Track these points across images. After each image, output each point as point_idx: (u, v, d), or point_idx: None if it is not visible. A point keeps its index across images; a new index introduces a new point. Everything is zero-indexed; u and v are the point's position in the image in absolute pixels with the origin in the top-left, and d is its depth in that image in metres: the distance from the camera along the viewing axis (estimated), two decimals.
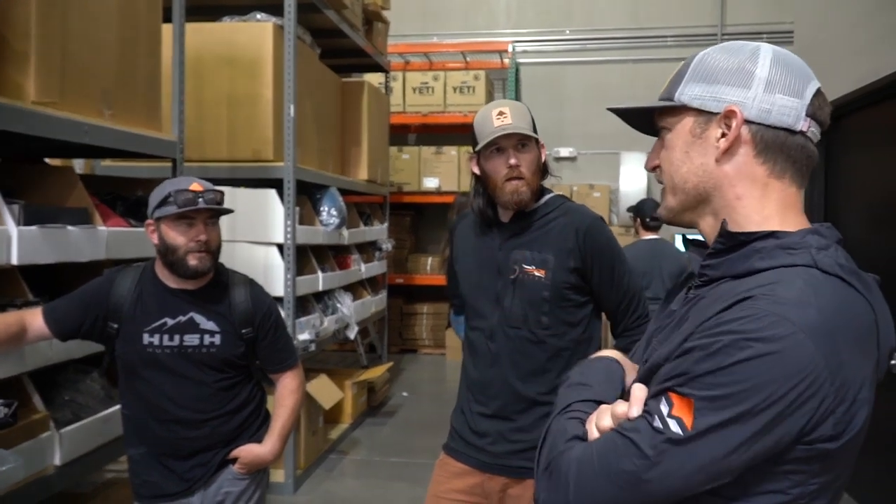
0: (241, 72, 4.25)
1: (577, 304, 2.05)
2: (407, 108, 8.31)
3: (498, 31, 9.05)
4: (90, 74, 2.51)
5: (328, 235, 4.96)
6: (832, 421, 0.89)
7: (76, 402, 2.48)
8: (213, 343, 2.15)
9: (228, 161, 4.27)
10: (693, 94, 1.05)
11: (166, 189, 2.09)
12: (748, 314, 0.89)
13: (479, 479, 2.10)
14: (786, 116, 1.00)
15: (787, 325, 0.87)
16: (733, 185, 1.03)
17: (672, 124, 1.08)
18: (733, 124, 1.01)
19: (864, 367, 0.92)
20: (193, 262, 2.08)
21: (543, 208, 2.08)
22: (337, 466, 4.86)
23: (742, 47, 1.05)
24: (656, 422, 0.90)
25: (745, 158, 1.02)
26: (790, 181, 1.03)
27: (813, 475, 0.91)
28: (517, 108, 2.02)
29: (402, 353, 8.43)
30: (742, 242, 1.00)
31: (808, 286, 0.92)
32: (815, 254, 0.96)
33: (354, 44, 5.61)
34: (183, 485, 2.17)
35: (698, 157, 1.05)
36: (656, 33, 8.74)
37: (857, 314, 0.93)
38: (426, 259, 8.61)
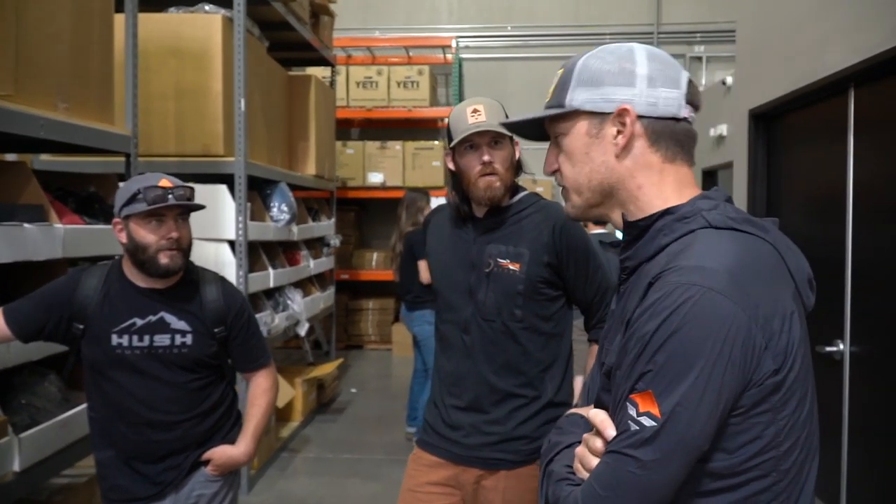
0: (188, 64, 4.15)
1: (549, 297, 2.08)
2: (351, 103, 8.25)
3: (440, 26, 9.07)
4: (45, 66, 2.42)
5: (278, 231, 4.90)
6: (769, 356, 0.96)
7: (33, 405, 2.40)
8: (185, 343, 2.10)
9: (177, 156, 4.16)
10: (583, 98, 1.12)
11: (134, 186, 2.02)
12: (660, 294, 0.98)
13: (454, 472, 2.12)
14: (670, 107, 1.09)
15: (696, 289, 0.95)
16: (634, 176, 1.11)
17: (567, 129, 1.15)
18: (627, 121, 1.09)
19: (782, 298, 1.00)
20: (165, 260, 2.03)
21: (518, 204, 2.11)
22: (290, 465, 4.82)
23: (616, 49, 1.13)
24: (632, 427, 0.97)
25: (641, 150, 1.10)
26: (681, 162, 1.12)
27: (777, 410, 0.98)
28: (491, 106, 2.05)
29: (348, 349, 8.39)
30: (645, 227, 1.10)
31: (705, 245, 1.01)
32: (706, 215, 1.05)
33: (301, 37, 5.54)
34: (154, 488, 2.12)
35: (599, 156, 1.12)
36: (595, 31, 8.90)
37: (758, 255, 1.02)
38: (371, 254, 8.58)
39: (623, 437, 0.98)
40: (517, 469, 2.06)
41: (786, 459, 1.00)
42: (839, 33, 3.06)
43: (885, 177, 2.80)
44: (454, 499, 2.13)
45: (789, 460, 1.00)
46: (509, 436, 2.06)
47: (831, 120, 3.19)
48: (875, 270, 2.91)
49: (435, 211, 2.34)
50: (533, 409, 2.08)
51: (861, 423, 3.00)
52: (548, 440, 1.19)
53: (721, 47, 8.58)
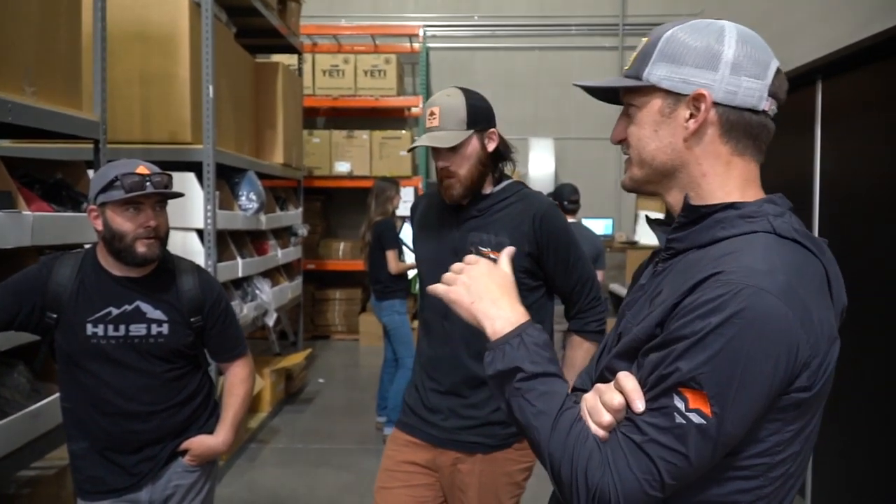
0: (154, 49, 4.06)
1: (528, 287, 2.09)
2: (317, 91, 8.16)
3: (406, 14, 9.02)
4: (11, 49, 2.34)
5: (247, 220, 4.84)
6: (807, 374, 0.97)
7: (2, 396, 2.34)
8: (161, 333, 2.06)
9: (142, 143, 4.07)
10: (661, 74, 1.08)
11: (111, 173, 1.97)
12: (722, 292, 0.95)
13: (432, 454, 2.16)
14: (750, 98, 1.05)
15: (762, 294, 0.94)
16: (699, 163, 1.08)
17: (641, 103, 1.12)
18: (702, 107, 1.05)
19: (829, 320, 1.00)
20: (142, 249, 1.99)
21: (501, 193, 2.12)
22: (259, 456, 4.78)
23: (708, 26, 1.08)
24: (678, 419, 0.95)
25: (711, 138, 1.07)
26: (750, 157, 1.09)
27: (788, 423, 0.99)
28: (449, 108, 2.03)
29: (315, 339, 8.34)
30: (704, 215, 1.07)
31: (770, 252, 0.99)
32: (772, 220, 1.03)
33: (268, 23, 5.46)
34: (130, 479, 2.08)
35: (667, 136, 1.09)
36: (561, 22, 8.95)
37: (815, 272, 1.02)
38: (338, 244, 8.53)
39: (666, 428, 0.96)
40: (493, 453, 2.10)
41: (777, 468, 1.00)
42: (807, 26, 3.12)
43: (852, 167, 2.87)
44: (430, 479, 2.17)
45: (780, 469, 1.01)
46: (486, 420, 2.09)
47: (799, 111, 3.26)
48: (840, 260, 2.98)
49: (422, 197, 2.36)
50: None
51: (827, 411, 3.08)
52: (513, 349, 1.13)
53: None
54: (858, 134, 2.83)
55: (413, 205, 2.38)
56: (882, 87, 2.80)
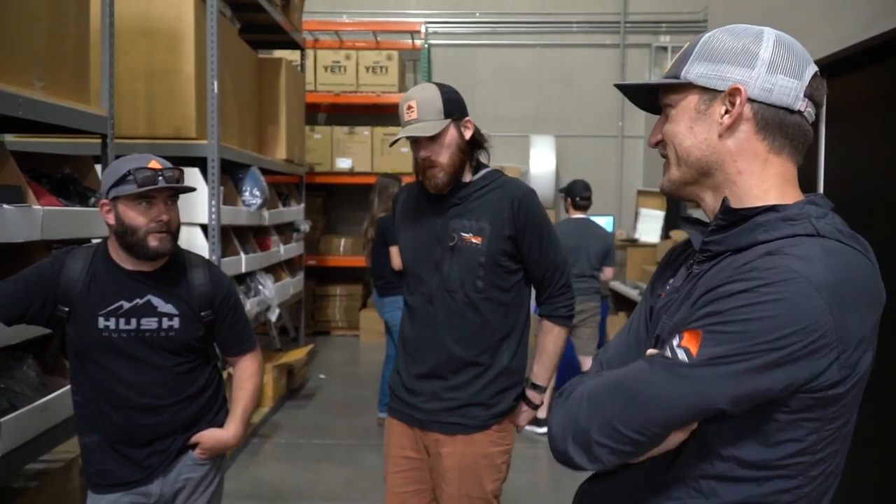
0: (159, 44, 4.07)
1: (509, 270, 2.18)
2: (318, 87, 8.16)
3: (408, 11, 9.02)
4: (22, 43, 2.35)
5: (250, 216, 4.85)
6: (837, 367, 0.95)
7: (11, 390, 2.35)
8: (172, 326, 2.08)
9: (147, 138, 4.08)
10: (698, 72, 1.10)
11: (123, 167, 1.98)
12: (760, 266, 0.97)
13: (416, 435, 2.25)
14: (786, 96, 1.05)
15: (798, 278, 0.94)
16: (735, 160, 1.08)
17: (676, 101, 1.13)
18: (737, 101, 1.06)
19: (867, 321, 0.99)
20: (154, 243, 2.00)
21: (480, 181, 2.20)
22: (261, 450, 4.79)
23: (746, 30, 1.10)
24: (667, 352, 1.00)
25: (747, 135, 1.07)
26: (788, 157, 1.09)
27: (827, 421, 0.99)
28: (425, 99, 2.10)
29: (315, 334, 8.35)
30: (744, 217, 1.06)
31: (813, 250, 0.99)
32: (815, 222, 1.03)
33: (272, 19, 5.47)
34: (141, 472, 2.09)
35: (702, 133, 1.10)
36: (563, 19, 8.94)
37: (863, 272, 1.00)
38: (339, 240, 8.53)
39: (656, 357, 1.01)
40: (473, 434, 2.17)
41: (817, 467, 1.01)
42: (813, 24, 3.13)
43: (857, 167, 2.89)
44: (421, 462, 2.26)
45: (819, 468, 1.01)
46: (467, 402, 2.17)
47: None
48: None
49: (403, 189, 2.44)
50: (489, 377, 2.19)
51: None
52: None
53: (687, 38, 8.69)
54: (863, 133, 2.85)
55: (395, 196, 2.45)
56: (887, 86, 2.82)
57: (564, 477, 3.44)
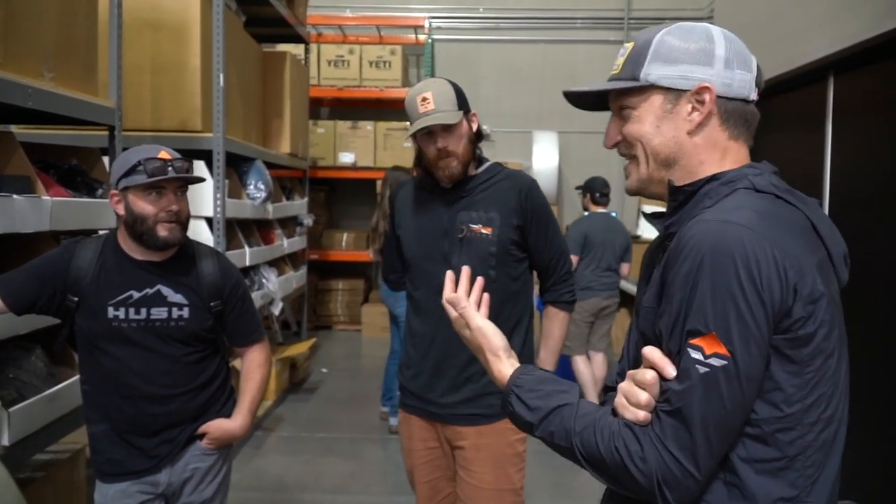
0: (165, 37, 4.07)
1: (517, 259, 2.22)
2: (322, 81, 8.16)
3: (412, 6, 9.01)
4: (32, 34, 2.36)
5: (255, 209, 4.86)
6: (801, 303, 1.00)
7: (20, 379, 2.36)
8: (182, 316, 2.08)
9: (153, 131, 4.09)
10: (660, 73, 1.14)
11: (133, 157, 1.99)
12: (697, 231, 1.03)
13: (435, 430, 2.25)
14: (743, 89, 1.13)
15: (732, 227, 1.00)
16: (699, 152, 1.15)
17: (637, 103, 1.17)
18: (706, 99, 1.12)
19: (811, 255, 1.04)
20: (164, 233, 2.01)
21: (485, 173, 2.23)
22: (264, 444, 4.81)
23: (694, 29, 1.16)
24: (701, 369, 1.00)
25: (713, 129, 1.14)
26: (743, 142, 1.17)
27: (804, 364, 1.03)
28: (440, 91, 2.13)
29: (317, 329, 8.36)
30: (691, 192, 1.14)
31: (744, 197, 1.07)
32: (751, 178, 1.10)
33: (277, 12, 5.47)
34: (149, 462, 2.10)
35: (669, 131, 1.15)
36: (566, 15, 8.94)
37: (790, 218, 1.07)
38: (341, 235, 8.54)
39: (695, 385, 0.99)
40: (494, 423, 2.17)
41: (811, 413, 1.03)
42: (820, 22, 3.14)
43: (863, 164, 2.89)
44: (441, 454, 2.27)
45: (814, 414, 1.04)
46: (483, 391, 2.17)
47: (810, 107, 3.28)
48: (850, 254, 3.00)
49: (400, 186, 2.45)
50: None
51: None
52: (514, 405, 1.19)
53: None
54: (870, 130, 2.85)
55: (391, 195, 2.47)
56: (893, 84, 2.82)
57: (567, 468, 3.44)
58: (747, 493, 1.03)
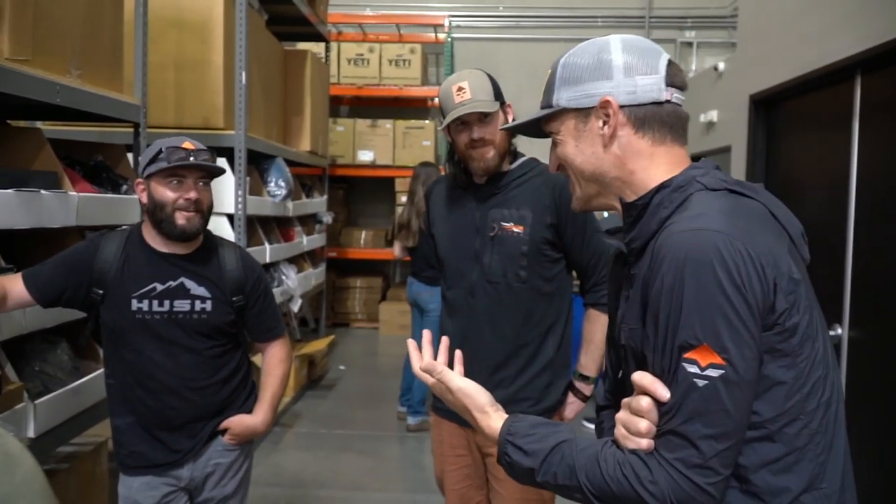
0: (189, 35, 4.10)
1: (551, 259, 2.14)
2: (341, 80, 8.18)
3: (431, 4, 9.01)
4: (60, 32, 2.38)
5: (275, 206, 4.88)
6: (782, 295, 1.01)
7: (45, 372, 2.39)
8: (205, 309, 2.10)
9: (176, 128, 4.11)
10: (567, 96, 1.18)
11: (157, 146, 2.03)
12: (670, 245, 1.02)
13: (466, 436, 2.21)
14: (650, 92, 1.13)
15: (704, 234, 1.00)
16: (624, 163, 1.16)
17: (557, 127, 1.21)
18: (610, 112, 1.14)
19: (780, 243, 1.05)
20: (182, 221, 2.03)
21: (519, 169, 2.17)
22: (283, 439, 4.83)
23: (592, 45, 1.19)
24: (700, 382, 0.99)
25: (628, 138, 1.15)
26: (671, 143, 1.16)
27: (796, 355, 1.03)
28: (477, 81, 2.09)
29: (335, 326, 8.39)
30: (643, 205, 1.14)
31: (703, 200, 1.07)
32: (700, 179, 1.11)
33: (298, 11, 5.49)
34: (172, 456, 2.12)
35: (588, 148, 1.18)
36: (587, 14, 8.89)
37: (751, 209, 1.08)
38: (359, 233, 8.56)
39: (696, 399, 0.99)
40: None
41: (810, 400, 1.04)
42: (846, 20, 3.10)
43: (891, 164, 2.86)
44: (473, 460, 2.22)
45: (814, 400, 1.04)
46: (515, 397, 2.11)
47: (836, 107, 3.24)
48: (876, 256, 2.97)
49: (433, 184, 2.41)
50: (535, 370, 2.14)
51: (857, 410, 3.07)
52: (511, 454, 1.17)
53: (712, 33, 8.63)
54: None
55: (427, 191, 2.43)
56: None
57: None
58: (766, 495, 1.04)
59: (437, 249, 2.30)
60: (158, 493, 2.13)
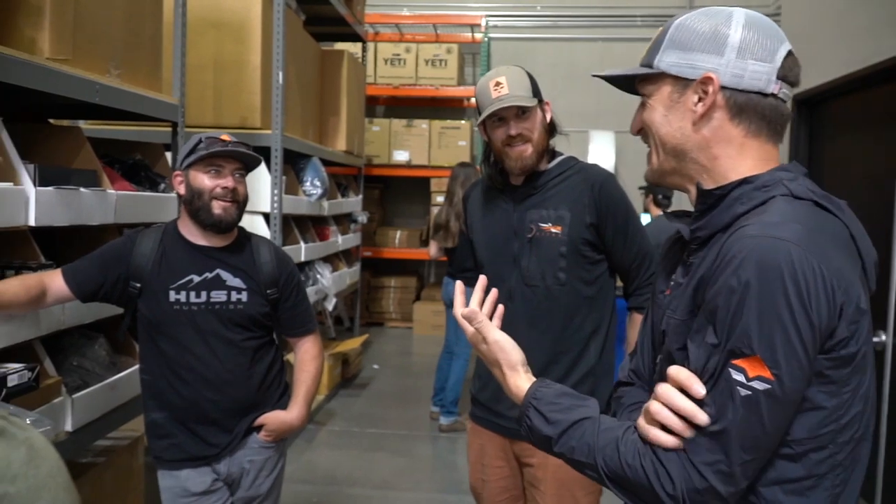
0: (227, 36, 4.15)
1: (592, 261, 2.07)
2: (378, 80, 8.22)
3: (469, 4, 8.99)
4: (100, 31, 2.43)
5: (311, 205, 4.92)
6: (845, 322, 0.96)
7: (83, 367, 2.43)
8: (240, 300, 2.13)
9: (214, 127, 4.16)
10: (670, 61, 1.11)
11: (196, 138, 2.09)
12: (742, 248, 0.97)
13: (503, 444, 2.16)
14: (757, 81, 1.06)
15: (780, 244, 0.95)
16: (710, 146, 1.09)
17: (651, 91, 1.15)
18: (710, 90, 1.07)
19: (854, 270, 1.00)
20: (218, 210, 2.06)
21: (556, 168, 2.10)
22: (316, 437, 4.87)
23: (717, 12, 1.10)
24: (743, 391, 0.95)
25: (721, 122, 1.08)
26: (766, 139, 1.09)
27: (843, 384, 0.98)
28: (514, 76, 2.04)
29: (369, 325, 8.42)
30: (720, 196, 1.08)
31: (785, 207, 1.01)
32: (787, 184, 1.04)
33: (335, 11, 5.52)
34: (209, 449, 2.14)
35: (676, 121, 1.11)
36: (626, 13, 8.80)
37: (834, 228, 1.02)
38: (394, 232, 8.59)
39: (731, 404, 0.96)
40: None
41: (845, 432, 1.00)
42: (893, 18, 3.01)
43: None
44: (510, 470, 2.17)
45: (848, 433, 1.01)
46: None
47: (882, 107, 3.15)
48: None
49: (470, 188, 2.36)
50: (576, 377, 2.06)
51: None
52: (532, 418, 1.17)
53: None
54: None
55: (465, 195, 2.39)
56: None
57: None
58: None
59: (476, 254, 2.26)
60: (208, 479, 2.16)
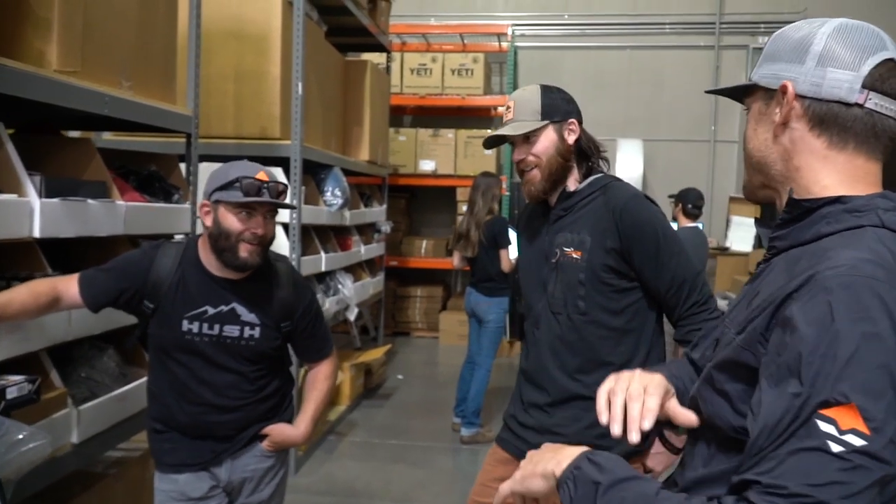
0: (248, 47, 4.17)
1: (618, 289, 1.93)
2: (404, 90, 8.22)
3: (496, 13, 8.98)
4: (110, 43, 2.44)
5: (331, 216, 4.91)
6: None
7: (92, 379, 2.43)
8: (253, 336, 2.09)
9: (235, 138, 4.19)
10: (762, 73, 1.09)
11: (233, 173, 1.97)
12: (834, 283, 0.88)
13: None
14: (837, 90, 1.00)
15: (878, 285, 0.87)
16: (791, 157, 1.05)
17: (749, 103, 1.13)
18: (784, 100, 1.04)
19: None
20: (244, 254, 1.99)
21: (587, 189, 1.99)
22: (336, 448, 4.84)
23: (811, 22, 1.07)
24: (833, 447, 0.82)
25: (801, 132, 1.04)
26: (854, 153, 1.02)
27: None
28: (523, 100, 1.98)
29: (395, 335, 8.41)
30: (809, 210, 1.02)
31: (877, 242, 0.93)
32: (881, 214, 0.97)
33: (359, 22, 5.53)
34: (210, 455, 2.13)
35: (763, 133, 1.09)
36: (655, 20, 8.71)
37: None
38: (420, 242, 8.57)
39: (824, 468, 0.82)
40: None
41: None
42: None
43: None
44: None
45: None
46: (571, 441, 1.96)
47: None
48: None
49: (524, 208, 2.28)
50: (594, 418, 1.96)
51: None
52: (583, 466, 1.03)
53: None
54: None
55: (519, 214, 2.35)
56: None
57: None
58: None
59: (520, 279, 2.19)
60: (206, 484, 2.14)
